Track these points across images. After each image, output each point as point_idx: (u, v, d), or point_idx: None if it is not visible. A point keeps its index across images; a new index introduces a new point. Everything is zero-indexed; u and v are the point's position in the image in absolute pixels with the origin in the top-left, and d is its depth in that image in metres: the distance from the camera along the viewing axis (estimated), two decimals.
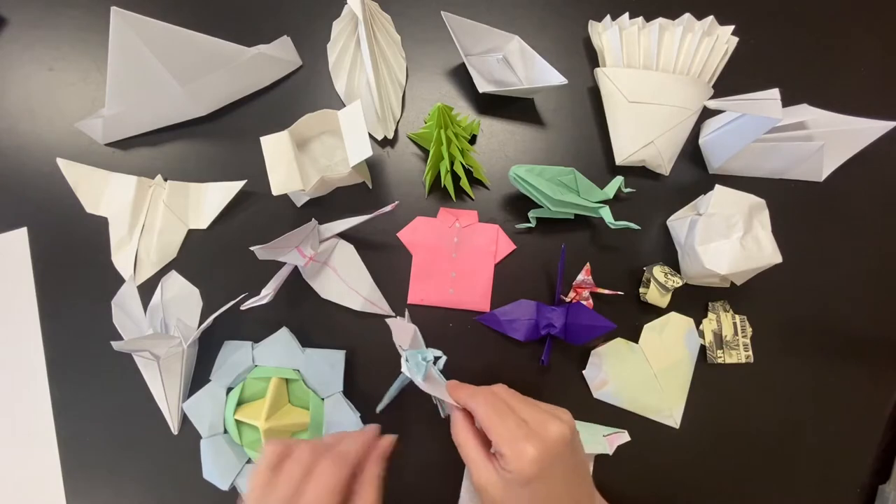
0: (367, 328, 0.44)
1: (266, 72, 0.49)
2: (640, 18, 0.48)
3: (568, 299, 0.43)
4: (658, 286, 0.43)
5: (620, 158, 0.46)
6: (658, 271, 0.43)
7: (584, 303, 0.42)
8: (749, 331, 0.44)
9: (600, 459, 0.41)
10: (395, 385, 0.41)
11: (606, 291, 0.43)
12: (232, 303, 0.41)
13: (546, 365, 0.42)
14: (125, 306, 0.44)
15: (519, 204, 0.46)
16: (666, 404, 0.42)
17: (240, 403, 0.41)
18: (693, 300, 0.44)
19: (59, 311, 0.45)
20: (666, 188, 0.47)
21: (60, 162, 0.46)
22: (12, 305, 0.45)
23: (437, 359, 0.36)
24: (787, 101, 0.40)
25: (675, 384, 0.42)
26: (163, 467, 0.42)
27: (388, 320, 0.37)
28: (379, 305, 0.44)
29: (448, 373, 0.42)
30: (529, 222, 0.45)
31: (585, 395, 0.43)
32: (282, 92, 0.49)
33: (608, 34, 0.47)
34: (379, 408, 0.41)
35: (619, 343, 0.43)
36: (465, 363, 0.43)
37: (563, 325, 0.41)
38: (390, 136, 0.47)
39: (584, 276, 0.43)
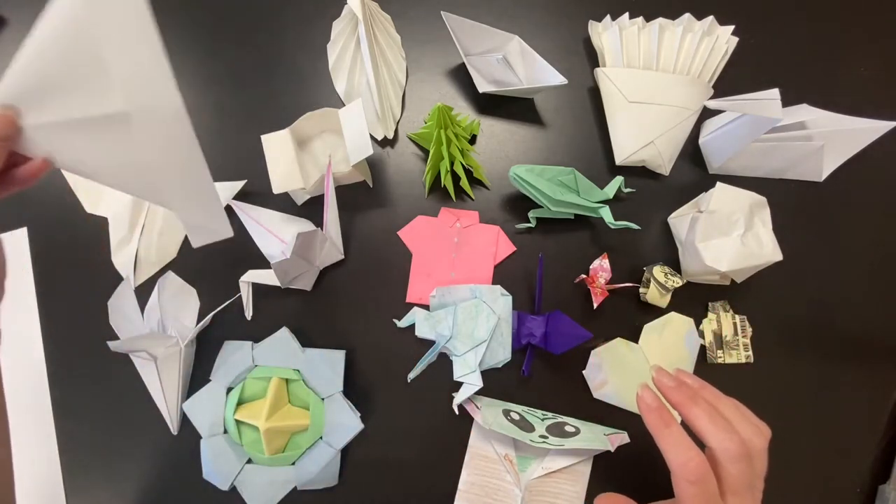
0: (367, 328, 0.44)
1: None
2: (640, 18, 0.48)
3: (577, 280, 0.43)
4: (658, 286, 0.43)
5: (620, 158, 0.46)
6: (658, 271, 0.43)
7: (599, 290, 0.42)
8: (749, 331, 0.44)
9: (601, 459, 0.41)
10: (430, 353, 0.42)
11: (619, 286, 0.42)
12: (228, 301, 0.41)
13: (527, 375, 0.43)
14: (121, 307, 0.44)
15: (519, 204, 0.46)
16: (666, 404, 0.42)
17: (240, 403, 0.41)
18: (693, 300, 0.44)
19: (59, 311, 0.45)
20: (666, 188, 0.47)
21: None
22: (12, 305, 0.45)
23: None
24: (787, 101, 0.40)
25: None
26: (163, 467, 0.42)
27: None
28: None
29: (436, 377, 0.42)
30: (529, 222, 0.45)
31: (585, 395, 0.43)
32: (282, 92, 0.49)
33: (608, 34, 0.47)
34: (411, 376, 0.43)
35: (619, 343, 0.43)
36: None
37: (542, 333, 0.41)
38: (390, 136, 0.47)
39: (601, 261, 0.42)
